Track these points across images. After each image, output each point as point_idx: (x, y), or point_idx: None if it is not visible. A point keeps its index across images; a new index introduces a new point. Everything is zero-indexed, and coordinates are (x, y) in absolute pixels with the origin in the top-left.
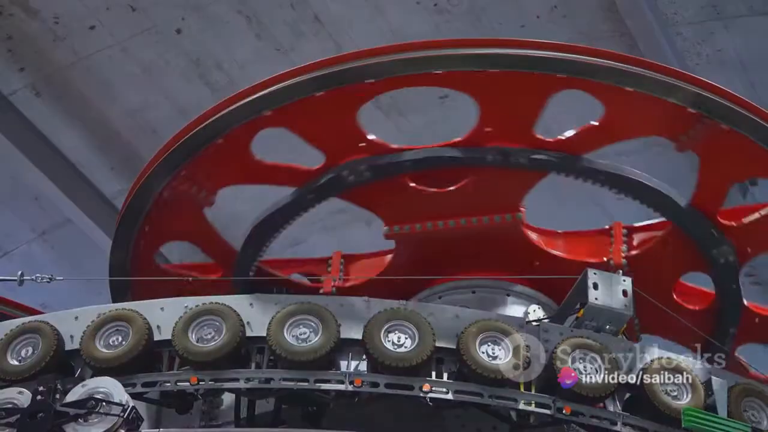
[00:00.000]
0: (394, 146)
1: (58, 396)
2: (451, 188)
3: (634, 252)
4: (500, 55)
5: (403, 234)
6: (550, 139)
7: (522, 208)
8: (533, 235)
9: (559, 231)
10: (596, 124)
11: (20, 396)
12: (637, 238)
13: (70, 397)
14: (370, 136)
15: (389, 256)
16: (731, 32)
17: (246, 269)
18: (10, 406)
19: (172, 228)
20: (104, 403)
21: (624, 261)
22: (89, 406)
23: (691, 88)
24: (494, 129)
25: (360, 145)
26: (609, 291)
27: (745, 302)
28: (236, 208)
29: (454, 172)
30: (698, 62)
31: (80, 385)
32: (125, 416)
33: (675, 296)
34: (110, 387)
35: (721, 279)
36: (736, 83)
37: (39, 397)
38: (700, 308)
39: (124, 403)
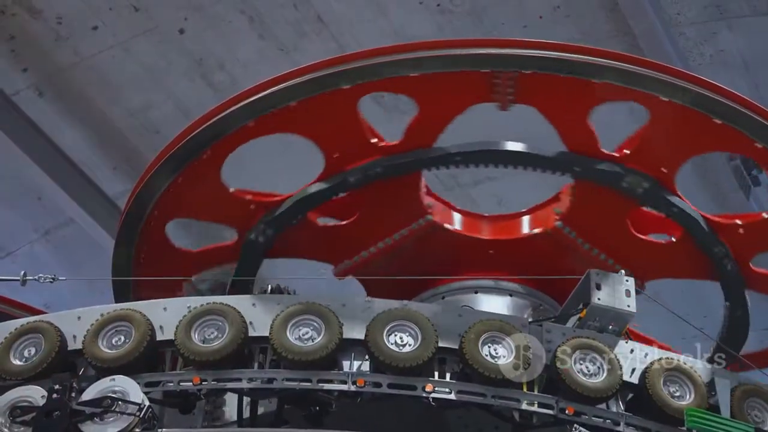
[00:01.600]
0: (276, 196)
1: (73, 394)
2: (351, 220)
3: (564, 212)
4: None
5: (351, 268)
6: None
7: (429, 210)
8: (459, 227)
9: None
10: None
11: (36, 394)
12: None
13: (86, 396)
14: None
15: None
16: (734, 32)
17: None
18: (25, 404)
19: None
20: (120, 402)
21: (558, 223)
22: (105, 405)
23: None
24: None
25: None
26: (612, 291)
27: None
28: None
29: (348, 201)
30: (701, 62)
31: (96, 383)
32: (142, 415)
33: (632, 229)
34: (126, 386)
35: (655, 205)
36: (739, 83)
37: (55, 396)
38: (671, 238)
39: (140, 402)
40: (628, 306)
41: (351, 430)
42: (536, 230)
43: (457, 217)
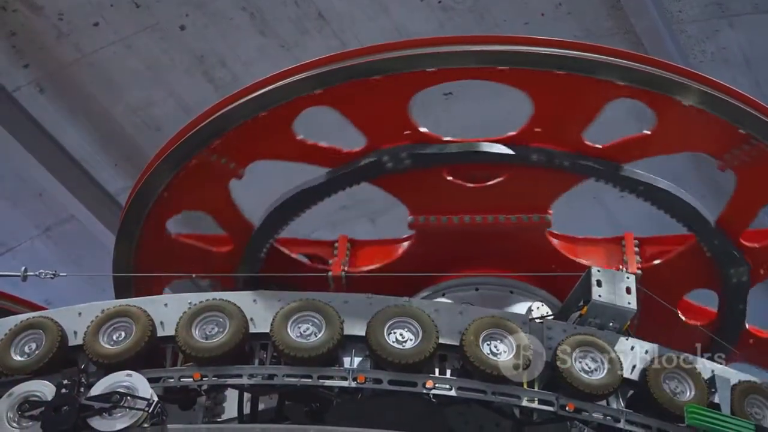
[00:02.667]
0: (438, 136)
1: (82, 389)
2: (486, 184)
3: (648, 263)
4: (567, 57)
5: (427, 225)
6: (595, 145)
7: (550, 211)
8: (554, 240)
9: (576, 237)
10: (647, 134)
11: (44, 389)
12: (648, 250)
13: (95, 391)
14: (419, 126)
15: (403, 246)
16: (736, 30)
17: (261, 246)
18: (34, 398)
19: (193, 198)
20: (129, 398)
21: (639, 272)
22: (114, 400)
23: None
24: (543, 130)
25: (405, 133)
26: (612, 288)
27: (747, 325)
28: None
29: (492, 168)
30: (702, 60)
31: (104, 378)
32: (150, 411)
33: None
34: (135, 381)
35: (730, 298)
36: (740, 81)
37: (64, 390)
38: (701, 324)
39: (149, 397)
40: (629, 303)
41: (352, 427)
42: (617, 267)
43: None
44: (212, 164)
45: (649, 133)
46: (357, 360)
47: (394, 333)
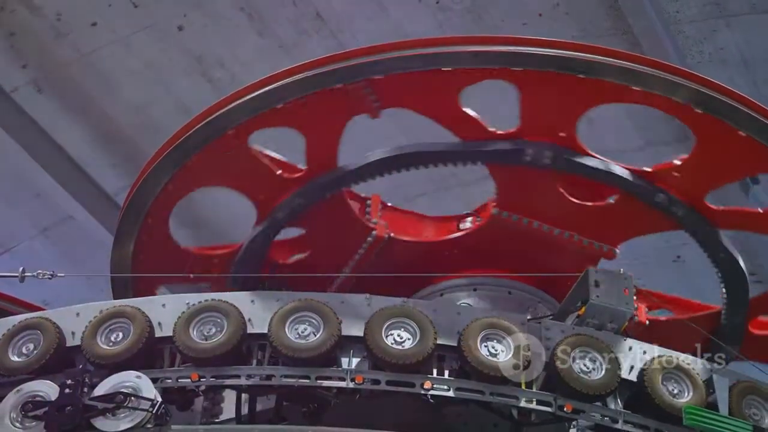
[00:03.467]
0: (583, 147)
1: (86, 390)
2: (587, 204)
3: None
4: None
5: (507, 221)
6: (712, 206)
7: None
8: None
9: None
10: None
11: (48, 389)
12: None
13: (98, 391)
14: (575, 133)
15: (463, 227)
16: (733, 30)
17: (333, 187)
18: (38, 398)
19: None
20: (133, 398)
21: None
22: (118, 401)
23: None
24: (681, 175)
25: (560, 134)
26: (610, 289)
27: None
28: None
29: (603, 191)
30: (700, 60)
31: (107, 379)
32: (154, 411)
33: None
34: (138, 382)
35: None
36: (738, 81)
37: (67, 391)
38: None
39: (153, 398)
40: (627, 304)
41: (349, 427)
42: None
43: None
44: (359, 95)
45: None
46: (355, 360)
47: (393, 333)
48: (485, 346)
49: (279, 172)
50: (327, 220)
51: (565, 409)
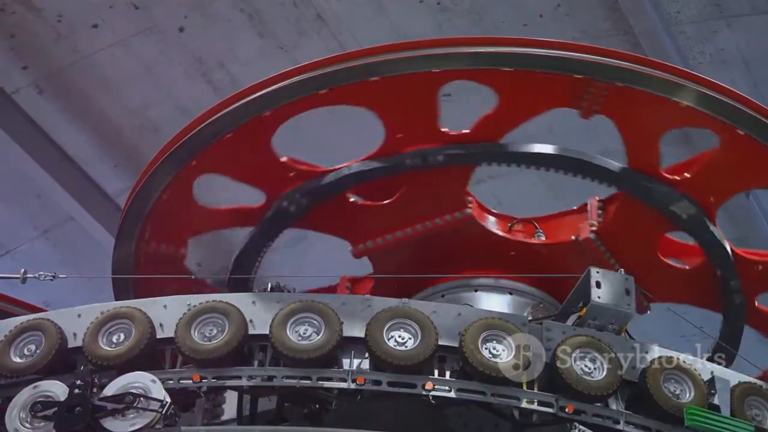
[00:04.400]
0: (322, 168)
1: (95, 390)
2: (389, 201)
3: (601, 224)
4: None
5: (370, 249)
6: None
7: (469, 204)
8: (493, 227)
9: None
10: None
11: (57, 389)
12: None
13: (107, 392)
14: (299, 165)
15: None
16: (734, 31)
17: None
18: (47, 399)
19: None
20: (142, 399)
21: (592, 235)
22: (127, 401)
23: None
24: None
25: (290, 175)
26: (611, 289)
27: (729, 248)
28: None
29: (391, 183)
30: (701, 61)
31: (116, 379)
32: (164, 412)
33: (661, 256)
34: (147, 382)
35: (693, 232)
36: (739, 82)
37: (76, 391)
38: (693, 266)
39: (162, 398)
40: (628, 304)
41: (351, 428)
42: (568, 238)
43: (490, 215)
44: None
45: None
46: (356, 361)
47: (394, 334)
48: (486, 347)
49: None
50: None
51: (566, 409)
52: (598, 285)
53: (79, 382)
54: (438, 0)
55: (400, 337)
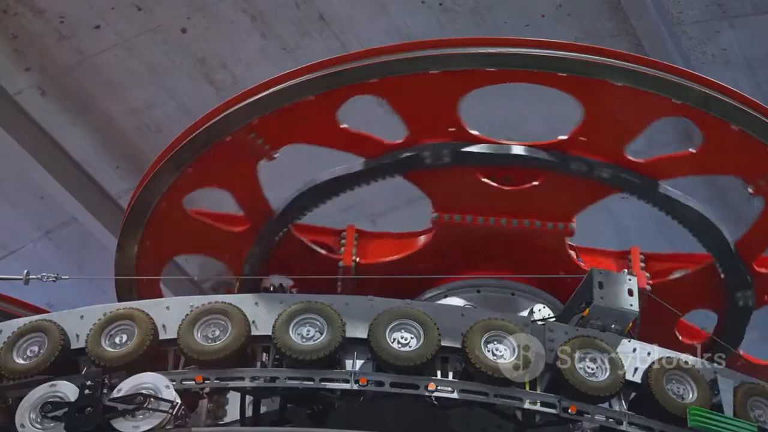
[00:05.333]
0: (481, 136)
1: (105, 391)
2: (517, 187)
3: (657, 279)
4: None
5: (451, 223)
6: (636, 160)
7: (574, 220)
8: (570, 250)
9: (587, 247)
10: (692, 152)
11: (67, 390)
12: (654, 266)
13: (118, 393)
14: (464, 123)
15: (420, 240)
16: (737, 31)
17: (279, 229)
18: (57, 399)
19: (217, 175)
20: (152, 399)
21: (648, 287)
22: (137, 402)
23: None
24: (588, 140)
25: (449, 129)
26: (614, 290)
27: (740, 351)
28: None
29: (527, 172)
30: (704, 61)
31: (127, 380)
32: (174, 413)
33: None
34: (158, 383)
35: (732, 321)
36: (741, 82)
37: (87, 391)
38: (692, 343)
39: (172, 399)
40: (631, 305)
41: (353, 429)
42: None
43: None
44: (247, 143)
45: (693, 151)
46: (359, 362)
47: (396, 335)
48: (489, 348)
49: None
50: None
51: (569, 410)
52: (601, 286)
53: (89, 382)
54: (440, 0)
55: (402, 337)
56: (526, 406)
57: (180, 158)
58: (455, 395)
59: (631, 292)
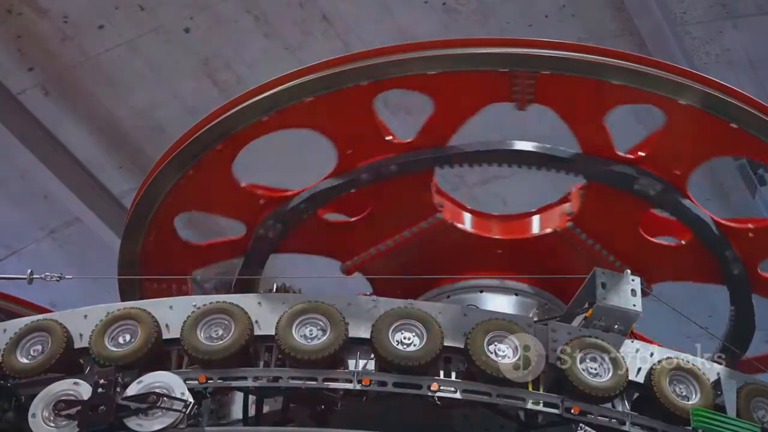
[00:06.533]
0: (288, 192)
1: (118, 389)
2: (359, 217)
3: (576, 212)
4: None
5: (358, 265)
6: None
7: (439, 208)
8: (469, 227)
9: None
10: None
11: (80, 388)
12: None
13: (130, 391)
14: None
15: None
16: (740, 31)
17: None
18: (70, 398)
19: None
20: (165, 398)
21: (570, 224)
22: (150, 401)
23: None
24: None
25: (260, 202)
26: (617, 290)
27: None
28: None
29: (357, 197)
30: (707, 61)
31: (140, 378)
32: (187, 412)
33: (642, 231)
34: (170, 382)
35: (665, 207)
36: (745, 82)
37: (100, 390)
38: (680, 241)
39: (185, 398)
40: (634, 305)
41: (356, 429)
42: (547, 230)
43: (467, 216)
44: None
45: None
46: (362, 362)
47: (399, 335)
48: (492, 348)
49: None
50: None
51: (572, 411)
52: (604, 286)
53: (102, 381)
54: (443, 1)
55: (405, 337)
56: (529, 406)
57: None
58: (458, 395)
59: (634, 293)
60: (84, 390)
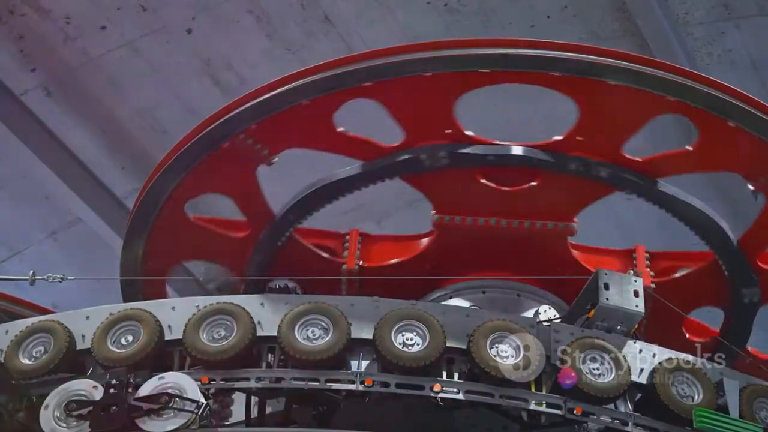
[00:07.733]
0: (479, 138)
1: (130, 390)
2: (516, 188)
3: (661, 277)
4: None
5: (451, 224)
6: (635, 158)
7: (575, 219)
8: (573, 249)
9: (590, 246)
10: (689, 149)
11: (92, 389)
12: (660, 264)
13: (143, 392)
14: (460, 125)
15: (422, 243)
16: (742, 32)
17: (280, 234)
18: (82, 398)
19: (217, 181)
20: (177, 399)
21: (653, 285)
22: (163, 402)
23: None
24: (585, 139)
25: (446, 131)
26: (620, 291)
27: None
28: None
29: (525, 172)
30: (709, 62)
31: (152, 379)
32: (200, 413)
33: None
34: (183, 383)
35: (739, 318)
36: (747, 83)
37: (112, 390)
38: (701, 341)
39: (198, 399)
40: (637, 306)
41: (359, 430)
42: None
43: None
44: (246, 148)
45: (690, 149)
46: (364, 363)
47: (402, 336)
48: (494, 349)
49: None
50: None
51: (575, 411)
52: (607, 287)
53: (114, 381)
54: (446, 1)
55: (408, 338)
56: (532, 407)
57: (186, 159)
58: (461, 396)
59: (637, 293)
60: (95, 391)
